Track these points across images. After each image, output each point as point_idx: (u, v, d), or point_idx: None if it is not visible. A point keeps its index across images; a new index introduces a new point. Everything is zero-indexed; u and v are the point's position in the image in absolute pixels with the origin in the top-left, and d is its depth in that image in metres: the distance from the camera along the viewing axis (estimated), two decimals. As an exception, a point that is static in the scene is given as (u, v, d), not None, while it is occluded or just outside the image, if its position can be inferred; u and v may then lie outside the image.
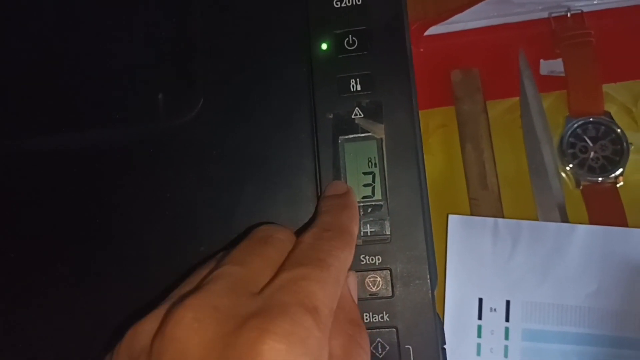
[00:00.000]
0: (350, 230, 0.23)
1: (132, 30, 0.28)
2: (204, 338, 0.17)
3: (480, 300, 0.35)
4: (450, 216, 0.36)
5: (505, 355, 0.35)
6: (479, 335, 0.35)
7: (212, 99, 0.27)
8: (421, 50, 0.40)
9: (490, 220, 0.36)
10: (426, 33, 0.41)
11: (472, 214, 0.37)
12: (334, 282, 0.20)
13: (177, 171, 0.27)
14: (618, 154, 0.37)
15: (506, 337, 0.35)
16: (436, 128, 0.40)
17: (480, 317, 0.35)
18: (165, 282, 0.25)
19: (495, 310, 0.35)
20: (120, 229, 0.27)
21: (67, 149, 0.28)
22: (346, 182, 0.25)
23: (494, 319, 0.35)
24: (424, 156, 0.26)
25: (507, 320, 0.35)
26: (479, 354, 0.35)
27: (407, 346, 0.24)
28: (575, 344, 0.34)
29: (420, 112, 0.26)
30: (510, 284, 0.35)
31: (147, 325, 0.19)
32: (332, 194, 0.25)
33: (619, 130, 0.37)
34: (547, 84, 0.39)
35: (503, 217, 0.37)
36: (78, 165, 0.28)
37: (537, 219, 0.36)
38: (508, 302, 0.35)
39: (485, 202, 0.38)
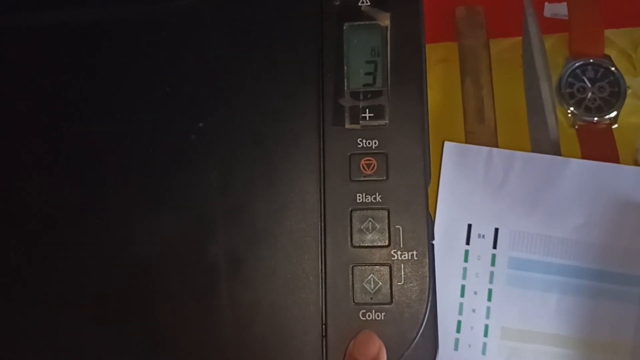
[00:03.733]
0: None
1: None
2: None
3: (470, 226, 0.36)
4: (445, 143, 0.37)
5: (490, 281, 0.35)
6: (466, 260, 0.35)
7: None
8: (428, -16, 0.41)
9: (485, 149, 0.36)
10: (434, -31, 0.41)
11: (467, 146, 0.37)
12: None
13: (179, 50, 0.27)
14: (615, 96, 0.38)
15: (492, 264, 0.35)
16: (437, 62, 0.40)
17: (468, 243, 0.35)
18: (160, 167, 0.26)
19: (483, 237, 0.35)
20: (117, 105, 0.27)
21: (68, 25, 0.28)
22: (347, 70, 0.26)
23: (481, 245, 0.35)
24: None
25: (494, 247, 0.35)
26: (464, 277, 0.35)
27: (397, 226, 0.24)
28: (560, 275, 0.35)
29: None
30: (499, 212, 0.36)
31: None
32: (361, 358, 0.23)
33: (617, 73, 0.38)
34: (550, 26, 0.39)
35: (498, 149, 0.37)
36: (78, 43, 0.28)
37: (531, 154, 0.37)
38: (497, 230, 0.35)
39: (481, 136, 0.38)
